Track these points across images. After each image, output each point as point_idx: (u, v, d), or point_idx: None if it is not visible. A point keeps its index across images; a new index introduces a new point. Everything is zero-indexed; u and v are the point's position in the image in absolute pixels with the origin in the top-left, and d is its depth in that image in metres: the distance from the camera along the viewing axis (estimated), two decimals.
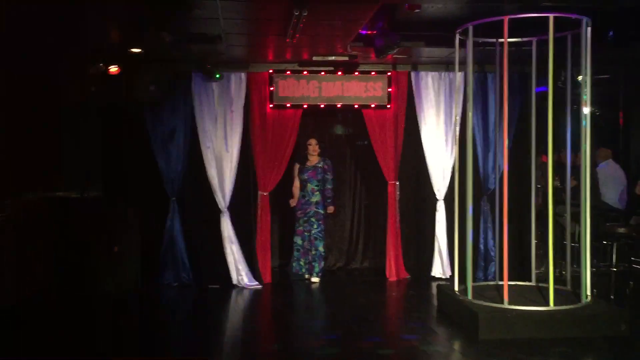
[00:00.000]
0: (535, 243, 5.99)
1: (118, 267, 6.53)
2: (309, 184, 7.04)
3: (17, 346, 4.76)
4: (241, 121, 6.92)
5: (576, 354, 4.55)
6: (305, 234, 7.01)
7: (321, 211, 7.02)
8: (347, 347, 4.74)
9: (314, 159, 7.08)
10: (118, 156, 6.97)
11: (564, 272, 6.31)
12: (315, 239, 6.98)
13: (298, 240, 7.05)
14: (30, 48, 5.64)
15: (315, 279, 7.00)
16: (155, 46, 5.98)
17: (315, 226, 6.98)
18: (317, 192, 7.04)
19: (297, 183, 7.13)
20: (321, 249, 7.01)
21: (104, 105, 6.75)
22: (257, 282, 6.90)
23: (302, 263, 7.08)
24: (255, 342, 5.02)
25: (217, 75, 6.66)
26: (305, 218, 7.01)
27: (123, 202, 6.72)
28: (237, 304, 6.34)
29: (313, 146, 7.05)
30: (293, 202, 7.10)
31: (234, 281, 6.90)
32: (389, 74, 7.14)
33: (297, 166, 7.13)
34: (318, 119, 7.69)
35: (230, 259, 6.91)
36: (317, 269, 7.03)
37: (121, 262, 6.56)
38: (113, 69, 6.16)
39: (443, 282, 6.64)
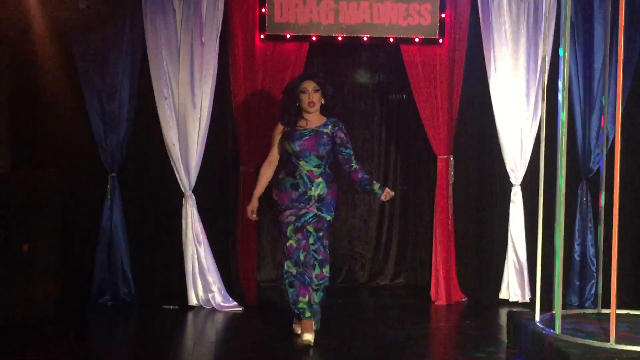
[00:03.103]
0: None
1: (29, 277, 6.54)
2: (302, 162, 5.91)
3: None
4: (216, 59, 6.94)
5: None
6: (299, 252, 5.90)
7: (327, 217, 5.95)
8: None
9: (313, 118, 6.00)
10: (32, 111, 6.99)
11: None
12: (314, 263, 5.92)
13: (289, 264, 5.93)
14: None
15: (308, 337, 5.87)
16: None
17: (312, 240, 5.89)
18: (321, 179, 5.96)
19: (271, 158, 6.08)
20: (325, 271, 5.97)
21: (11, 34, 6.74)
22: (235, 303, 6.96)
23: (303, 302, 5.92)
24: None
25: None
26: (298, 225, 5.91)
27: (38, 179, 6.73)
28: (205, 335, 6.35)
29: (310, 94, 5.90)
30: (252, 213, 6.11)
31: (199, 301, 6.97)
32: None
33: (279, 128, 6.05)
34: (333, 59, 7.69)
35: (194, 268, 6.96)
36: (317, 315, 6.01)
37: (33, 269, 6.57)
38: None
39: (517, 309, 6.64)
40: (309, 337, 5.83)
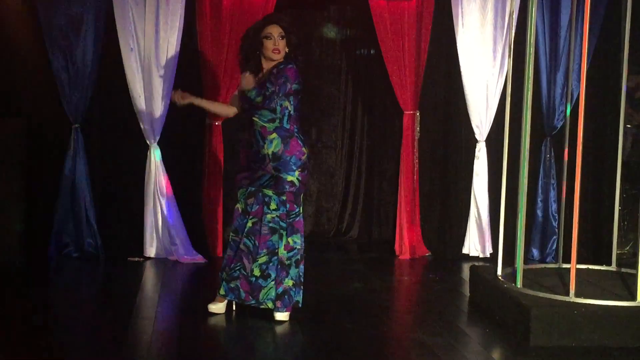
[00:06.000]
0: (620, 210, 6.06)
1: None
2: (255, 119, 5.22)
3: None
4: (182, 11, 6.92)
5: None
6: (246, 219, 5.30)
7: (287, 177, 5.13)
8: (330, 354, 4.78)
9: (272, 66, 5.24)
10: None
11: None
12: (281, 233, 5.22)
13: (232, 228, 5.42)
14: None
15: (281, 315, 5.25)
16: None
17: (275, 205, 5.21)
18: (275, 134, 5.18)
19: (230, 102, 5.68)
20: (293, 241, 5.25)
21: None
22: (200, 256, 7.03)
23: (232, 282, 5.32)
24: (191, 342, 5.04)
25: None
26: (252, 189, 5.26)
27: (1, 129, 6.68)
28: (169, 286, 6.40)
29: (275, 40, 5.16)
30: (178, 96, 5.33)
31: (164, 252, 7.04)
32: None
33: (245, 76, 5.34)
34: (299, 12, 7.66)
35: (158, 220, 7.02)
36: (278, 294, 5.23)
37: None
38: None
39: (480, 263, 6.71)
40: (212, 307, 5.39)
